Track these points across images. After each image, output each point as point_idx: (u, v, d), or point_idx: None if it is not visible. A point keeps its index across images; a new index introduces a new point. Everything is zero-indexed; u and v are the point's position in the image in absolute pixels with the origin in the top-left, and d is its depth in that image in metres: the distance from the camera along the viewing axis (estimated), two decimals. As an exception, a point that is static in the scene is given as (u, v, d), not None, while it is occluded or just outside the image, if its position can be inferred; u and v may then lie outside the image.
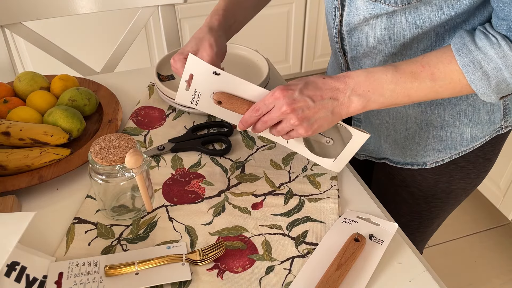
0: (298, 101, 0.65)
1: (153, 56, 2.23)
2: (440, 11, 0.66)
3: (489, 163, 0.88)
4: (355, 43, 0.76)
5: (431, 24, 0.67)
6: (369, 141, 0.91)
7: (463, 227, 1.93)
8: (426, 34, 0.70)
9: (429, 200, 0.92)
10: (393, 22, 0.69)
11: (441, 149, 0.84)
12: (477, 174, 0.88)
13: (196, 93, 0.72)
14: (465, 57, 0.61)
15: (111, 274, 0.63)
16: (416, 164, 0.88)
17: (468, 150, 0.83)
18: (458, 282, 1.73)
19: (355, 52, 0.78)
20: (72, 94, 0.90)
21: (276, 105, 0.66)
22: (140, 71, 1.11)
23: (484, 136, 0.82)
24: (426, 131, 0.83)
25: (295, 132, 0.68)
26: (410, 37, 0.70)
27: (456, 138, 0.82)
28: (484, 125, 0.80)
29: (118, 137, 0.69)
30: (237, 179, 0.80)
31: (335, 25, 0.77)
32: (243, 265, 0.66)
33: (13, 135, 0.80)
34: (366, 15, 0.70)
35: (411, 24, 0.68)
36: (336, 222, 0.72)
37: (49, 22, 1.48)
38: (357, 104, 0.66)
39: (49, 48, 1.23)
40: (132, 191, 0.74)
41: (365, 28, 0.73)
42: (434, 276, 0.66)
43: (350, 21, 0.73)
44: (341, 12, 0.74)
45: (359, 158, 0.96)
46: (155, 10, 1.26)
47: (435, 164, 0.86)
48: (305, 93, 0.65)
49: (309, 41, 2.53)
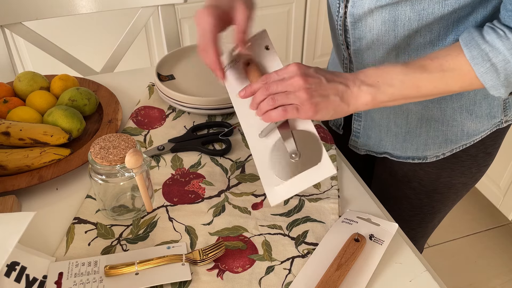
0: (313, 76, 0.65)
1: (153, 56, 2.23)
2: (444, 3, 0.66)
3: (489, 157, 0.89)
4: (358, 35, 0.76)
5: (435, 16, 0.68)
6: (370, 136, 0.91)
7: (463, 227, 1.93)
8: (429, 27, 0.70)
9: (430, 194, 0.92)
10: (397, 13, 0.70)
11: (442, 143, 0.85)
12: (478, 169, 0.89)
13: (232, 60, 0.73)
14: (473, 50, 0.62)
15: (111, 274, 0.63)
16: (417, 158, 0.88)
17: (468, 143, 0.84)
18: (458, 282, 1.73)
19: (358, 45, 0.78)
20: (72, 94, 0.90)
21: (289, 75, 0.65)
22: (140, 71, 1.11)
23: (485, 130, 0.83)
24: (427, 125, 0.83)
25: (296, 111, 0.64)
26: (414, 29, 0.70)
27: (457, 132, 0.82)
28: (484, 119, 0.81)
29: (118, 137, 0.69)
30: (237, 179, 0.80)
31: (340, 17, 0.77)
32: (243, 265, 0.66)
33: (13, 135, 0.80)
34: (371, 6, 0.70)
35: (415, 15, 0.69)
36: (336, 222, 0.72)
37: (49, 22, 1.48)
38: (366, 94, 0.65)
39: (49, 48, 1.23)
40: (132, 191, 0.74)
41: (369, 20, 0.73)
42: (434, 276, 0.66)
43: (354, 12, 0.74)
44: (346, 4, 0.74)
45: (360, 153, 0.96)
46: (155, 10, 1.26)
47: (435, 158, 0.87)
48: (320, 72, 0.66)
49: (309, 41, 2.53)
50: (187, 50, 1.08)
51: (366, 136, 0.92)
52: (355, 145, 0.95)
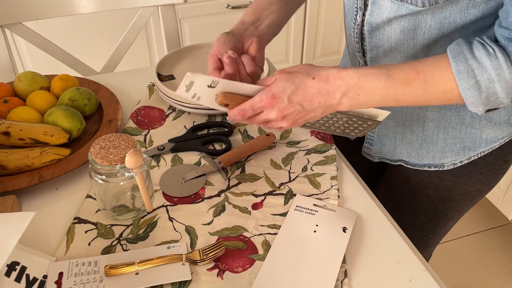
0: (288, 108, 0.64)
1: (153, 56, 2.23)
2: (466, 12, 0.65)
3: (507, 164, 0.87)
4: (375, 44, 0.75)
5: (456, 25, 0.67)
6: (384, 143, 0.90)
7: (463, 227, 1.93)
8: (450, 36, 0.69)
9: (445, 202, 0.90)
10: (417, 22, 0.68)
11: (459, 151, 0.83)
12: (495, 176, 0.87)
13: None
14: (460, 64, 0.60)
15: (111, 274, 0.63)
16: (433, 166, 0.86)
17: (486, 151, 0.82)
18: (458, 282, 1.73)
19: (375, 53, 0.77)
20: (72, 94, 0.90)
21: (265, 111, 0.65)
22: (140, 71, 1.11)
23: (503, 137, 0.81)
24: (445, 133, 0.81)
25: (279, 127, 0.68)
26: (434, 38, 0.69)
27: (475, 139, 0.80)
28: (503, 126, 0.79)
29: (118, 137, 0.69)
30: (237, 179, 0.80)
31: (356, 25, 0.76)
32: (243, 265, 0.66)
33: (13, 135, 0.80)
34: (390, 15, 0.69)
35: (436, 24, 0.67)
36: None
37: (49, 22, 1.48)
38: (345, 105, 0.65)
39: (49, 48, 1.23)
40: (132, 191, 0.74)
41: (387, 28, 0.72)
42: (434, 276, 0.66)
43: (372, 21, 0.72)
44: (364, 12, 0.73)
45: (374, 160, 0.94)
46: (155, 10, 1.26)
47: (453, 166, 0.85)
48: (294, 100, 0.64)
49: (309, 41, 2.53)
50: (187, 50, 1.08)
51: (380, 143, 0.90)
52: (369, 152, 0.94)
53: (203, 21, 2.22)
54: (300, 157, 0.85)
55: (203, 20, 2.21)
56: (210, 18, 2.21)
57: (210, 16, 2.20)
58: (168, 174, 0.81)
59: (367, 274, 0.65)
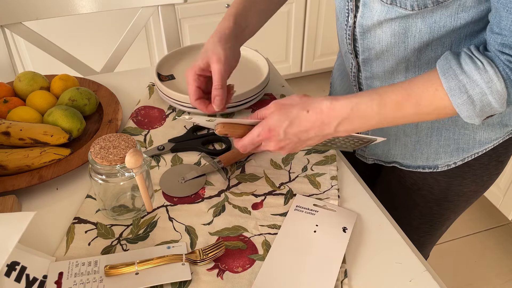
0: (284, 140, 0.67)
1: (153, 56, 2.23)
2: (456, 16, 0.65)
3: (501, 165, 0.87)
4: (367, 45, 0.76)
5: (447, 29, 0.67)
6: (377, 145, 0.90)
7: (463, 227, 1.93)
8: (441, 40, 0.69)
9: (440, 203, 0.91)
10: (408, 26, 0.69)
11: (453, 152, 0.83)
12: (490, 177, 0.87)
13: None
14: (451, 81, 0.60)
15: (111, 274, 0.63)
16: (427, 167, 0.87)
17: (480, 152, 0.82)
18: (458, 282, 1.73)
19: (367, 54, 0.77)
20: (72, 94, 0.90)
21: (263, 143, 0.69)
22: (140, 71, 1.11)
23: (497, 138, 0.81)
24: (438, 134, 0.82)
25: None
26: (425, 41, 0.69)
27: (469, 140, 0.81)
28: (496, 127, 0.79)
29: (118, 137, 0.69)
30: (237, 179, 0.80)
31: (348, 27, 0.76)
32: (243, 265, 0.66)
33: (13, 135, 0.80)
34: (380, 18, 0.70)
35: (426, 28, 0.68)
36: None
37: (49, 22, 1.48)
38: (342, 133, 0.67)
39: (49, 48, 1.23)
40: (132, 191, 0.74)
41: (378, 31, 0.72)
42: (434, 276, 0.66)
43: (363, 23, 0.73)
44: (355, 14, 0.73)
45: (368, 162, 0.95)
46: (155, 10, 1.26)
47: (447, 167, 0.85)
48: (291, 133, 0.66)
49: (309, 41, 2.53)
50: (187, 50, 1.08)
51: (374, 145, 0.90)
52: (363, 154, 0.94)
53: (203, 21, 2.22)
54: (300, 157, 0.85)
55: (203, 20, 2.22)
56: (210, 18, 2.21)
57: (210, 16, 2.20)
58: (168, 174, 0.81)
59: (367, 274, 0.65)
